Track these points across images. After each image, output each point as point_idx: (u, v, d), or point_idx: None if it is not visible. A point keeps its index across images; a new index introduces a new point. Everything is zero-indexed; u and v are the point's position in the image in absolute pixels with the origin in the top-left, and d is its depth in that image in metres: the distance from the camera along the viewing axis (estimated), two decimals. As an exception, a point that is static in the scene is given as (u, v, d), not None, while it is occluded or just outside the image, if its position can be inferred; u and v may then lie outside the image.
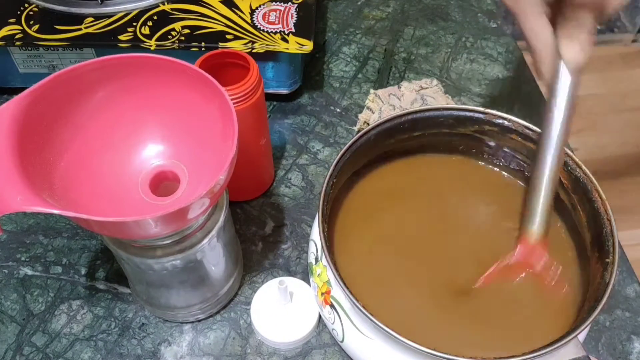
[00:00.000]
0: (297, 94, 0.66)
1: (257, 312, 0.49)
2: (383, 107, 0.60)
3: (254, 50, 0.56)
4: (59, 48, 0.59)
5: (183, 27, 0.58)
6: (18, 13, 0.59)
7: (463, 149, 0.51)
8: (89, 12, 0.60)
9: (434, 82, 0.63)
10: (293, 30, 0.58)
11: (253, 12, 0.60)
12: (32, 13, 0.60)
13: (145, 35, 0.58)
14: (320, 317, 0.48)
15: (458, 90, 0.68)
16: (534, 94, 0.67)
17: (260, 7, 0.60)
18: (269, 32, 0.58)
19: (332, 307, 0.42)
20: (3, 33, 0.58)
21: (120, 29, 0.58)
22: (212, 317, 0.50)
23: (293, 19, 0.59)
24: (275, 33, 0.58)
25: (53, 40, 0.57)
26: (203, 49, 0.57)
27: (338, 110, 0.65)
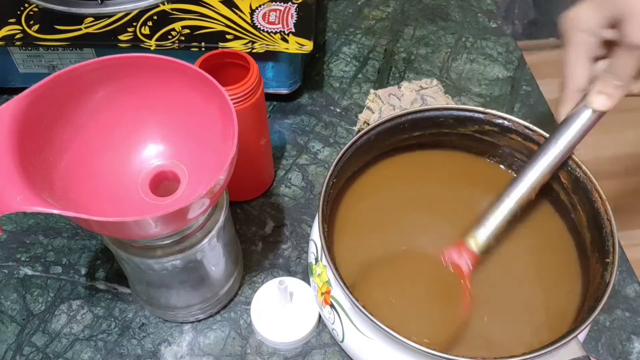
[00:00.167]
0: (297, 94, 0.66)
1: (257, 312, 0.49)
2: (383, 107, 0.60)
3: (254, 50, 0.56)
4: (59, 48, 0.59)
5: (183, 27, 0.58)
6: (18, 13, 0.59)
7: (463, 149, 0.51)
8: (89, 12, 0.60)
9: (434, 82, 0.63)
10: (293, 30, 0.58)
11: (253, 12, 0.60)
12: (32, 13, 0.60)
13: (145, 35, 0.58)
14: (320, 317, 0.48)
15: (458, 90, 0.68)
16: (534, 94, 0.67)
17: (260, 7, 0.60)
18: (269, 32, 0.58)
19: (332, 307, 0.42)
20: (3, 33, 0.58)
21: (120, 29, 0.58)
22: (212, 317, 0.50)
23: (293, 19, 0.59)
24: (275, 33, 0.58)
25: (53, 40, 0.57)
26: (203, 49, 0.57)
27: (338, 110, 0.65)
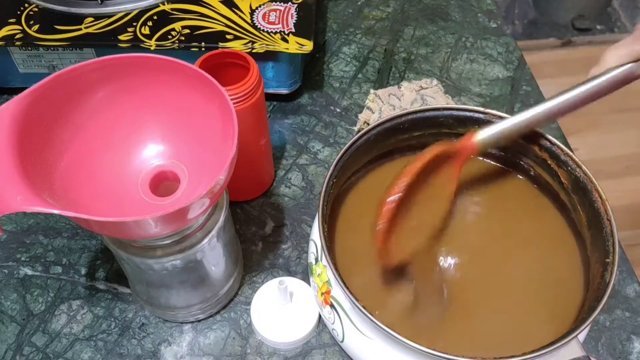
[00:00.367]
0: (297, 94, 0.66)
1: (257, 312, 0.49)
2: (383, 107, 0.60)
3: (254, 50, 0.56)
4: (59, 48, 0.59)
5: (183, 27, 0.58)
6: (18, 13, 0.59)
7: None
8: (89, 12, 0.60)
9: (434, 82, 0.63)
10: (293, 30, 0.58)
11: (253, 12, 0.60)
12: (32, 13, 0.60)
13: (145, 35, 0.58)
14: (320, 317, 0.48)
15: (458, 90, 0.68)
16: (534, 94, 0.67)
17: (260, 7, 0.60)
18: (269, 32, 0.58)
19: (332, 307, 0.42)
20: (3, 33, 0.58)
21: (120, 29, 0.58)
22: (212, 317, 0.50)
23: (293, 19, 0.59)
24: (275, 33, 0.58)
25: (53, 40, 0.57)
26: (203, 49, 0.57)
27: (338, 110, 0.65)
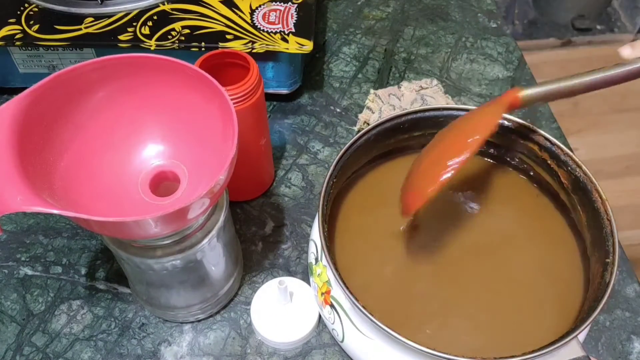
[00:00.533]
0: (297, 94, 0.66)
1: (257, 312, 0.49)
2: (383, 107, 0.60)
3: (254, 50, 0.56)
4: (59, 48, 0.59)
5: (183, 27, 0.58)
6: (18, 13, 0.59)
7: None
8: (89, 12, 0.60)
9: (434, 82, 0.63)
10: (293, 30, 0.58)
11: (253, 12, 0.60)
12: (32, 13, 0.60)
13: (145, 35, 0.58)
14: (320, 317, 0.48)
15: (458, 90, 0.68)
16: (534, 94, 0.67)
17: (260, 7, 0.60)
18: (269, 32, 0.58)
19: (332, 307, 0.42)
20: (3, 33, 0.58)
21: (120, 29, 0.58)
22: (212, 317, 0.50)
23: (293, 19, 0.59)
24: (275, 33, 0.58)
25: (53, 40, 0.57)
26: (203, 49, 0.57)
27: (338, 110, 0.65)
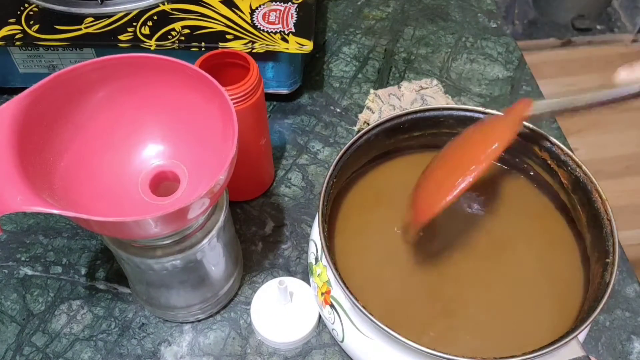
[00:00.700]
0: (297, 94, 0.66)
1: (257, 312, 0.49)
2: (383, 107, 0.60)
3: (254, 50, 0.56)
4: (59, 48, 0.59)
5: (183, 27, 0.58)
6: (18, 13, 0.59)
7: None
8: (89, 12, 0.60)
9: (434, 82, 0.63)
10: (293, 30, 0.58)
11: (253, 12, 0.60)
12: (32, 13, 0.60)
13: (145, 35, 0.58)
14: (320, 317, 0.48)
15: (458, 90, 0.68)
16: (534, 94, 0.67)
17: (260, 7, 0.60)
18: (269, 32, 0.58)
19: (332, 307, 0.42)
20: (3, 33, 0.58)
21: (120, 29, 0.58)
22: (212, 317, 0.50)
23: (293, 19, 0.59)
24: (275, 33, 0.58)
25: (53, 40, 0.57)
26: (203, 49, 0.57)
27: (338, 110, 0.65)
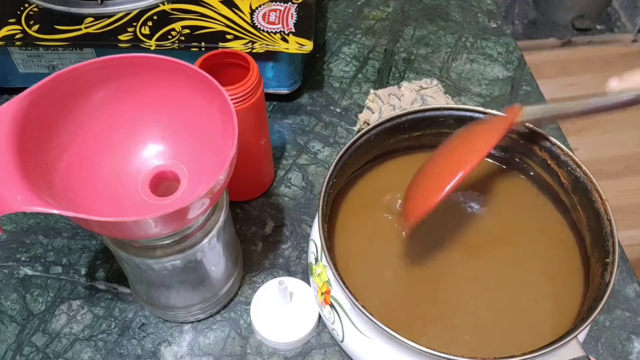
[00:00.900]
0: (297, 94, 0.66)
1: (257, 312, 0.49)
2: (383, 107, 0.60)
3: (254, 50, 0.56)
4: (59, 48, 0.59)
5: (183, 27, 0.58)
6: (18, 13, 0.59)
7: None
8: (89, 12, 0.60)
9: (434, 82, 0.63)
10: (293, 30, 0.58)
11: (253, 12, 0.60)
12: (32, 13, 0.60)
13: (145, 35, 0.58)
14: (320, 317, 0.48)
15: (458, 90, 0.68)
16: (534, 94, 0.67)
17: (260, 7, 0.60)
18: (269, 32, 0.58)
19: (332, 307, 0.42)
20: (3, 33, 0.58)
21: (120, 29, 0.58)
22: (212, 317, 0.50)
23: (293, 19, 0.59)
24: (275, 33, 0.58)
25: (53, 40, 0.57)
26: (203, 49, 0.57)
27: (338, 110, 0.65)
